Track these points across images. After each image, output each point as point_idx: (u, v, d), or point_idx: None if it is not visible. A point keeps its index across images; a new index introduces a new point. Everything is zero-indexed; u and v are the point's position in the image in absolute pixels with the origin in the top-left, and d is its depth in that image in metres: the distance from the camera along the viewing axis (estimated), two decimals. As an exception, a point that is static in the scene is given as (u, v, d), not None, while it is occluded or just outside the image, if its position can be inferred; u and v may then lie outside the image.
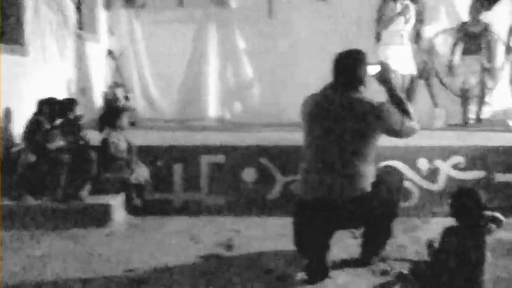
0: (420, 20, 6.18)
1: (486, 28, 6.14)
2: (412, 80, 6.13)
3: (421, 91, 6.48)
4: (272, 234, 3.62)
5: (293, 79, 6.41)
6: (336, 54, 2.89)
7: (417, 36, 6.27)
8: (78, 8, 6.14)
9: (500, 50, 6.40)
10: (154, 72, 6.85)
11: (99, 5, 6.64)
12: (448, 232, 2.61)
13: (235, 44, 6.78)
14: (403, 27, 5.73)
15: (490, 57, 6.22)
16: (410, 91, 6.12)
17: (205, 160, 4.23)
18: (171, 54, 6.69)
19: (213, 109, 6.78)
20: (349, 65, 2.82)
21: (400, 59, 5.70)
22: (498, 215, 2.54)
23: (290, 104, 4.17)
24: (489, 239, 2.47)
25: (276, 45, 6.62)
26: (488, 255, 2.52)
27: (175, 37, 6.70)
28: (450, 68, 6.26)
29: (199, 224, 3.91)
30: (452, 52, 6.24)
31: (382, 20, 5.77)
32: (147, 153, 4.25)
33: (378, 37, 5.90)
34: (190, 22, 6.80)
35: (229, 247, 3.36)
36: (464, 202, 2.53)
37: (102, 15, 6.70)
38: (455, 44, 6.24)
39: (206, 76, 6.78)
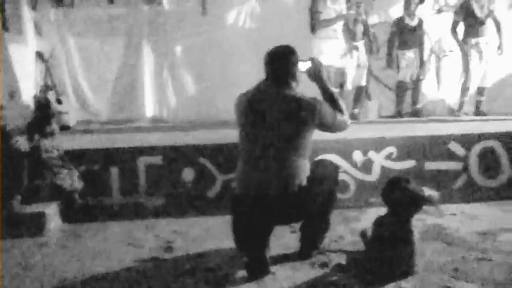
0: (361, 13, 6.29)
1: (420, 22, 6.38)
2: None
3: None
4: (213, 233, 3.62)
5: (229, 76, 6.42)
6: (266, 51, 2.91)
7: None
8: (1, 8, 5.85)
9: (427, 43, 6.68)
10: (87, 73, 6.67)
11: (25, 5, 6.34)
12: (378, 220, 2.72)
13: (169, 42, 6.68)
14: (336, 22, 5.83)
15: (423, 51, 6.48)
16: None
17: (142, 162, 4.16)
18: (103, 54, 6.53)
19: (149, 109, 6.67)
20: (280, 62, 2.85)
21: (334, 53, 5.82)
22: (431, 192, 2.67)
23: (226, 102, 4.17)
24: (418, 224, 2.58)
25: (210, 42, 6.60)
26: (417, 237, 2.64)
27: (107, 37, 6.54)
28: (389, 62, 6.45)
29: (138, 227, 3.84)
30: (389, 46, 6.44)
31: (317, 21, 5.81)
32: (82, 157, 4.13)
33: (313, 31, 5.99)
34: (121, 21, 6.66)
35: (169, 249, 3.32)
36: (393, 190, 2.65)
37: (28, 15, 6.40)
38: (392, 38, 6.43)
39: (141, 75, 6.65)
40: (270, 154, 2.75)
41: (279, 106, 2.76)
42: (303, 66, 2.94)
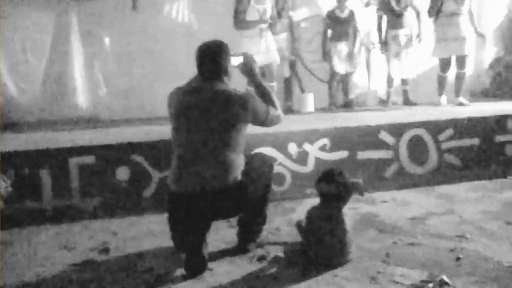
0: (283, 8, 6.40)
1: (352, 14, 6.53)
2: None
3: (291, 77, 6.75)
4: (150, 232, 3.57)
5: (161, 72, 6.33)
6: (198, 46, 2.90)
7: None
8: None
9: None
10: (12, 68, 6.30)
11: None
12: (311, 211, 2.79)
13: (100, 36, 6.48)
14: (261, 20, 5.85)
15: (354, 43, 6.65)
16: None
17: (73, 163, 4.02)
18: (29, 47, 6.23)
19: (80, 107, 6.45)
20: (212, 57, 2.85)
21: (262, 50, 5.82)
22: (358, 181, 2.76)
23: (159, 98, 4.11)
24: (351, 212, 2.67)
25: (142, 38, 6.47)
26: (349, 225, 2.73)
27: (33, 28, 6.22)
28: (324, 54, 6.57)
29: (72, 230, 3.73)
30: (323, 38, 6.57)
31: (239, 20, 5.80)
32: (9, 160, 3.95)
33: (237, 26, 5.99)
34: (49, 11, 6.33)
35: (104, 250, 3.24)
36: (325, 182, 2.72)
37: None
38: (325, 31, 6.56)
39: (70, 70, 6.40)
40: (203, 149, 2.75)
41: (211, 101, 2.76)
42: (235, 60, 2.95)
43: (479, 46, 7.05)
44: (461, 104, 6.10)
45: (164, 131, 3.95)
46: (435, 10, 6.05)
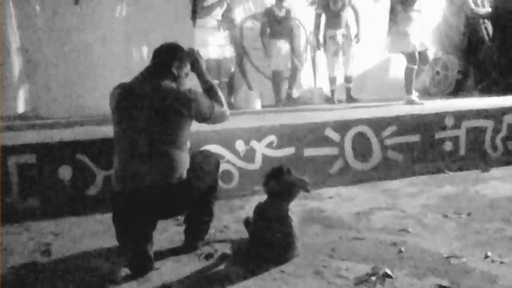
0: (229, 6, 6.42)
1: (288, 13, 6.60)
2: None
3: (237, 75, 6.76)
4: (94, 232, 3.48)
5: (104, 70, 6.19)
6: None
7: (230, 22, 6.51)
8: None
9: (302, 34, 6.97)
10: None
11: None
12: (258, 208, 2.81)
13: (39, 31, 6.22)
14: (218, 12, 5.86)
15: (294, 41, 6.72)
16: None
17: (13, 162, 3.87)
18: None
19: (20, 105, 6.20)
20: (162, 56, 2.86)
21: (219, 43, 5.84)
22: (304, 179, 2.80)
23: (101, 96, 4.02)
24: (298, 209, 2.71)
25: (84, 35, 6.28)
26: (295, 221, 2.77)
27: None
28: (264, 51, 6.62)
29: (12, 232, 3.57)
30: (261, 36, 6.62)
31: (199, 8, 5.82)
32: None
33: (194, 22, 5.97)
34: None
35: (46, 252, 3.13)
36: (273, 180, 2.75)
37: None
38: (263, 28, 6.61)
39: (8, 65, 6.14)
40: (146, 147, 2.71)
41: (154, 98, 2.73)
42: (182, 57, 2.92)
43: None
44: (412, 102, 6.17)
45: (107, 130, 3.86)
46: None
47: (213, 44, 5.77)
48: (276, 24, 6.57)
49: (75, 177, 3.98)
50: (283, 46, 6.61)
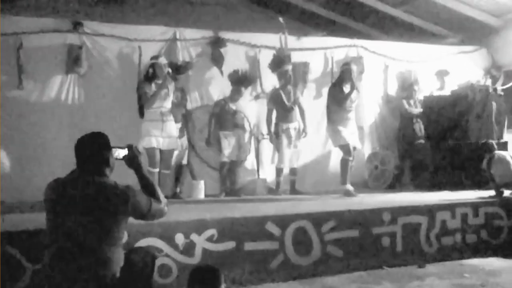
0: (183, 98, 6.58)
1: (239, 107, 6.85)
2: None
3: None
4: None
5: (43, 156, 6.07)
6: (78, 139, 2.84)
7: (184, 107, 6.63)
8: None
9: (247, 126, 7.15)
10: None
11: None
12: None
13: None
14: (162, 104, 5.95)
15: (242, 133, 6.91)
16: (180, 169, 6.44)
17: None
18: None
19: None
20: (92, 149, 2.81)
21: (163, 135, 5.89)
22: None
23: (34, 183, 3.88)
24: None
25: (27, 118, 6.20)
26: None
27: None
28: (207, 141, 6.75)
29: None
30: (209, 127, 6.76)
31: (143, 99, 5.91)
32: None
33: (141, 114, 6.03)
34: None
35: None
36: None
37: None
38: (211, 119, 6.77)
39: None
40: (79, 245, 2.63)
41: (91, 194, 2.68)
42: (120, 153, 2.92)
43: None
44: (349, 193, 6.39)
45: (38, 219, 3.69)
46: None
47: (155, 135, 5.82)
48: (228, 116, 6.76)
49: (3, 270, 3.73)
50: (231, 137, 6.77)
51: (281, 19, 7.30)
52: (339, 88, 6.58)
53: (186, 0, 10.11)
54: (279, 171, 6.88)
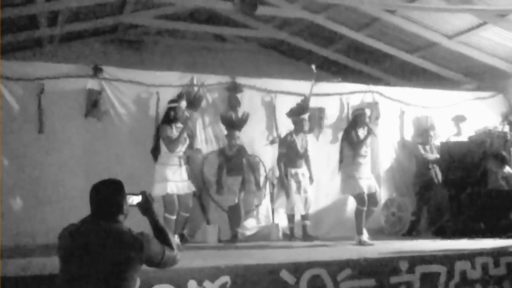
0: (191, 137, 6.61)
1: (241, 149, 6.84)
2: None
3: (196, 208, 6.74)
4: None
5: (61, 198, 6.10)
6: (92, 185, 2.86)
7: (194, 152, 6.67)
8: None
9: (262, 171, 7.15)
10: None
11: None
12: None
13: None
14: (182, 148, 5.97)
15: (245, 177, 6.88)
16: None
17: None
18: None
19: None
20: (106, 196, 2.82)
21: (181, 179, 5.88)
22: None
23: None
24: None
25: (45, 161, 6.27)
26: None
27: None
28: (218, 187, 6.74)
29: None
30: (218, 173, 6.77)
31: (165, 143, 5.90)
32: None
33: (155, 157, 6.04)
34: None
35: None
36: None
37: None
38: (219, 166, 6.79)
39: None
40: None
41: (104, 241, 2.67)
42: (134, 199, 2.93)
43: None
44: (364, 243, 6.23)
45: (47, 263, 3.66)
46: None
47: (172, 180, 5.80)
48: (228, 162, 6.78)
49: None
50: (235, 182, 6.74)
51: (313, 66, 7.29)
52: (354, 133, 6.54)
53: (203, 46, 10.36)
54: (290, 217, 6.82)
